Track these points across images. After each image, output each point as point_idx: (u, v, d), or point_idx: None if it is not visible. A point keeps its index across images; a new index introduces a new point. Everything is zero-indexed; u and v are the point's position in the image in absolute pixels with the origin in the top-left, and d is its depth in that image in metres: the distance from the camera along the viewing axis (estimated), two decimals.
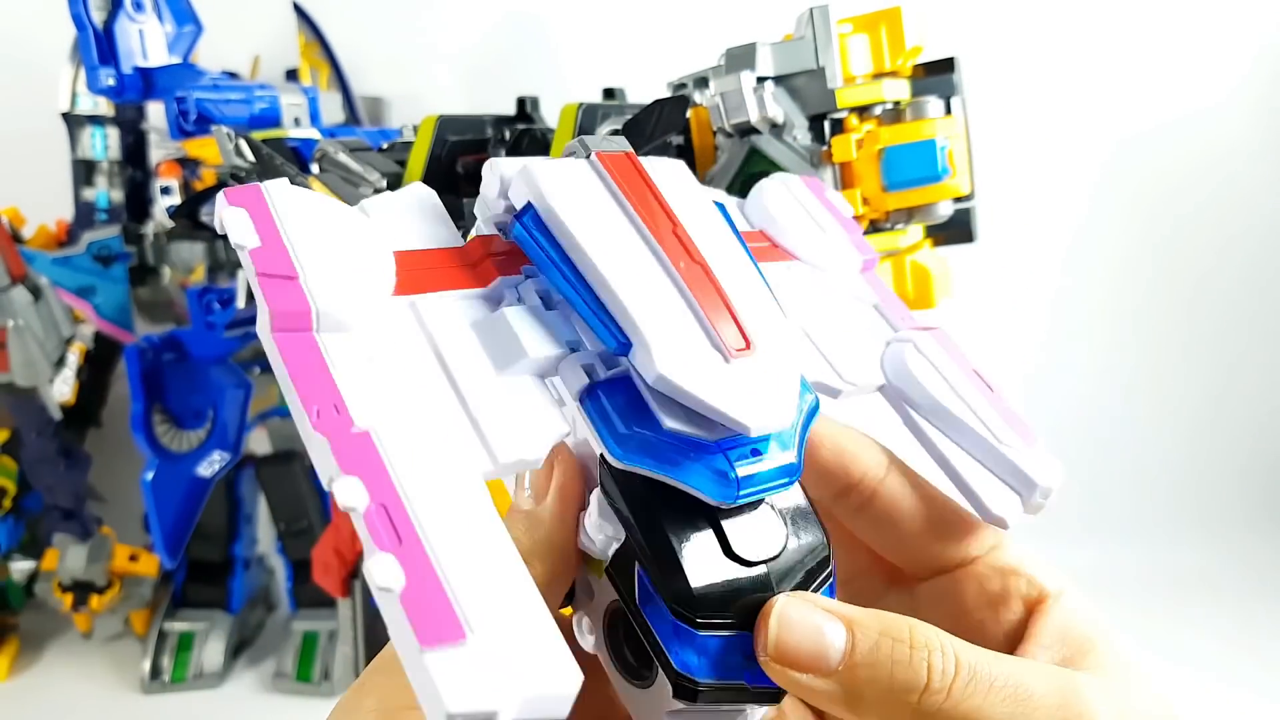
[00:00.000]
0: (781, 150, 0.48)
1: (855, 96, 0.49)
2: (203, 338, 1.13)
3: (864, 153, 0.48)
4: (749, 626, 0.34)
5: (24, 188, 1.43)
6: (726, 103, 0.48)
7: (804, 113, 0.50)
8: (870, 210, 0.49)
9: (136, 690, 1.34)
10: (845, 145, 0.48)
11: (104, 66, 1.14)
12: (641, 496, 0.35)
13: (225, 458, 1.19)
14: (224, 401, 1.18)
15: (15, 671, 1.40)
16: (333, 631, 1.35)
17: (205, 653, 1.36)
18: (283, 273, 0.33)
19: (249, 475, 1.42)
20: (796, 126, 0.49)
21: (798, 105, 0.49)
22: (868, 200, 0.49)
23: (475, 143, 0.75)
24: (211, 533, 1.39)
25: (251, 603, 1.47)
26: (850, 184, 0.49)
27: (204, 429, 1.16)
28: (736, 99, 0.47)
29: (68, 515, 1.41)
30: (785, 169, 0.48)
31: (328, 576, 0.90)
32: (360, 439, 0.30)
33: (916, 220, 0.50)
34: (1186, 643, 1.35)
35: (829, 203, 0.45)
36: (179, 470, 1.14)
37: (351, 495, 0.29)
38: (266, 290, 0.32)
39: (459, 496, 0.30)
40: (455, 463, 0.32)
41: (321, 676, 1.33)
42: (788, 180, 0.45)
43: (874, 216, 0.50)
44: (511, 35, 1.71)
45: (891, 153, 0.48)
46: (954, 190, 0.48)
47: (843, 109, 0.49)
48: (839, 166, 0.49)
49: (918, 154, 0.47)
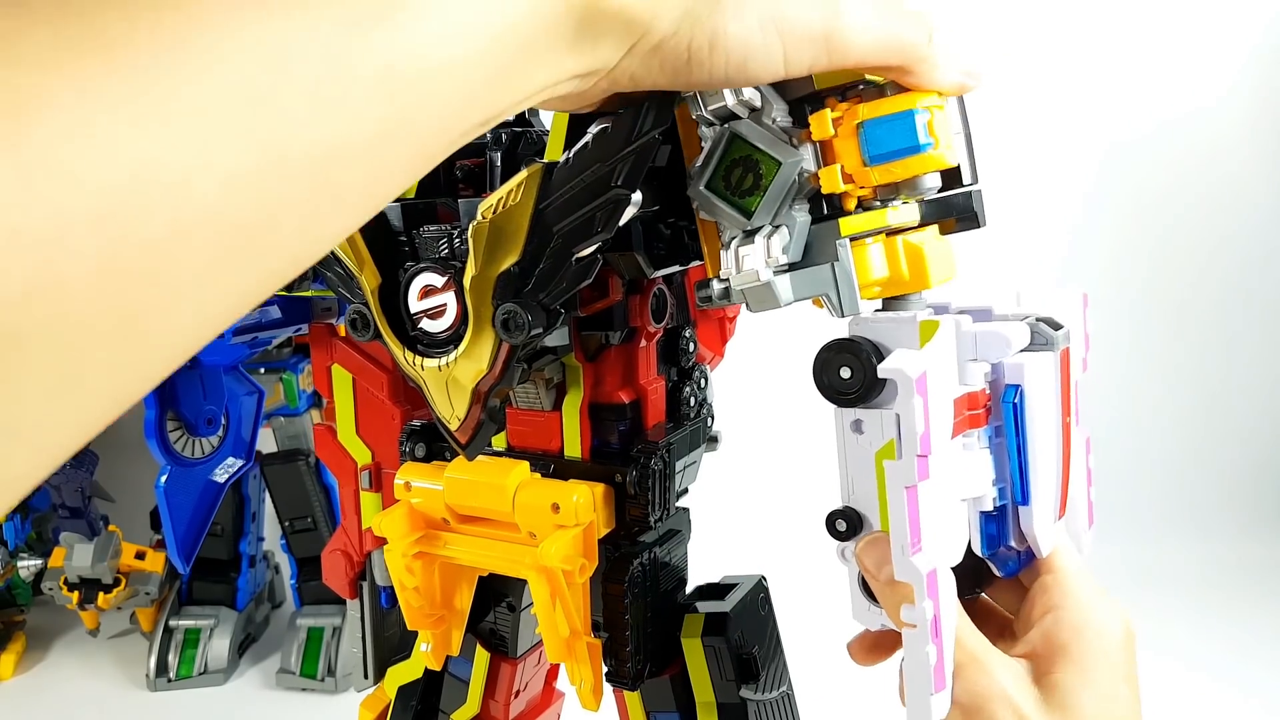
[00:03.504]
0: (761, 134, 0.48)
1: (833, 77, 0.48)
2: (212, 344, 1.14)
3: (843, 129, 0.48)
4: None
5: None
6: (703, 91, 0.48)
7: (785, 98, 0.50)
8: (854, 188, 0.49)
9: (142, 686, 1.35)
10: (823, 122, 0.48)
11: None
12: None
13: (239, 464, 1.20)
14: (237, 409, 1.19)
15: (22, 668, 1.42)
16: (337, 628, 1.37)
17: (211, 649, 1.38)
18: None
19: (255, 473, 1.43)
20: (775, 109, 0.49)
21: (775, 89, 0.49)
22: (851, 177, 0.48)
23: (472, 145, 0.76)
24: (218, 530, 1.40)
25: (257, 599, 1.48)
26: (830, 161, 0.49)
27: (217, 436, 1.17)
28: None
29: (74, 513, 1.42)
30: (767, 153, 0.48)
31: (336, 578, 0.91)
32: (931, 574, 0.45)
33: (905, 195, 0.49)
34: (1180, 641, 1.36)
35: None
36: (193, 476, 1.15)
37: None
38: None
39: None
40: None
41: (326, 672, 1.34)
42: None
43: (861, 194, 0.49)
44: None
45: (869, 125, 0.47)
46: (939, 161, 0.47)
47: (821, 90, 0.49)
48: (819, 144, 0.49)
49: (896, 125, 0.47)
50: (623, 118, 0.47)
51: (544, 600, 0.58)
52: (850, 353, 0.50)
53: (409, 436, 0.68)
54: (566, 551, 0.57)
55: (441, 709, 0.75)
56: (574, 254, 0.49)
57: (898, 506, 0.45)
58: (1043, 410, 0.51)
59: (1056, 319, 0.53)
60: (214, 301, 0.29)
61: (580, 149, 0.48)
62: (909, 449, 0.45)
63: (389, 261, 0.55)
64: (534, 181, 0.49)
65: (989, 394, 0.51)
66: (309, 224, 0.30)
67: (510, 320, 0.50)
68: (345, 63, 0.30)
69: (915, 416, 0.45)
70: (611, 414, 0.63)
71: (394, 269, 0.55)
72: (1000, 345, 0.49)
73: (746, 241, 0.49)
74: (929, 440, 0.45)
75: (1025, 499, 0.51)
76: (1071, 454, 0.54)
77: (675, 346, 0.67)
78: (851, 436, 0.53)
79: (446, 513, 0.63)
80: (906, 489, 0.45)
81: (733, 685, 0.64)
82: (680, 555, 0.68)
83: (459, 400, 0.53)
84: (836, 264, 0.49)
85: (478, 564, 0.63)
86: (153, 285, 0.26)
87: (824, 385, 0.52)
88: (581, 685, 0.61)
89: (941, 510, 0.47)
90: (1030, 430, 0.51)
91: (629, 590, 0.61)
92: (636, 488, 0.60)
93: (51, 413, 0.25)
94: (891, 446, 0.51)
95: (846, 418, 0.52)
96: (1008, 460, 0.51)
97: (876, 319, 0.51)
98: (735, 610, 0.65)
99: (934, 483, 0.46)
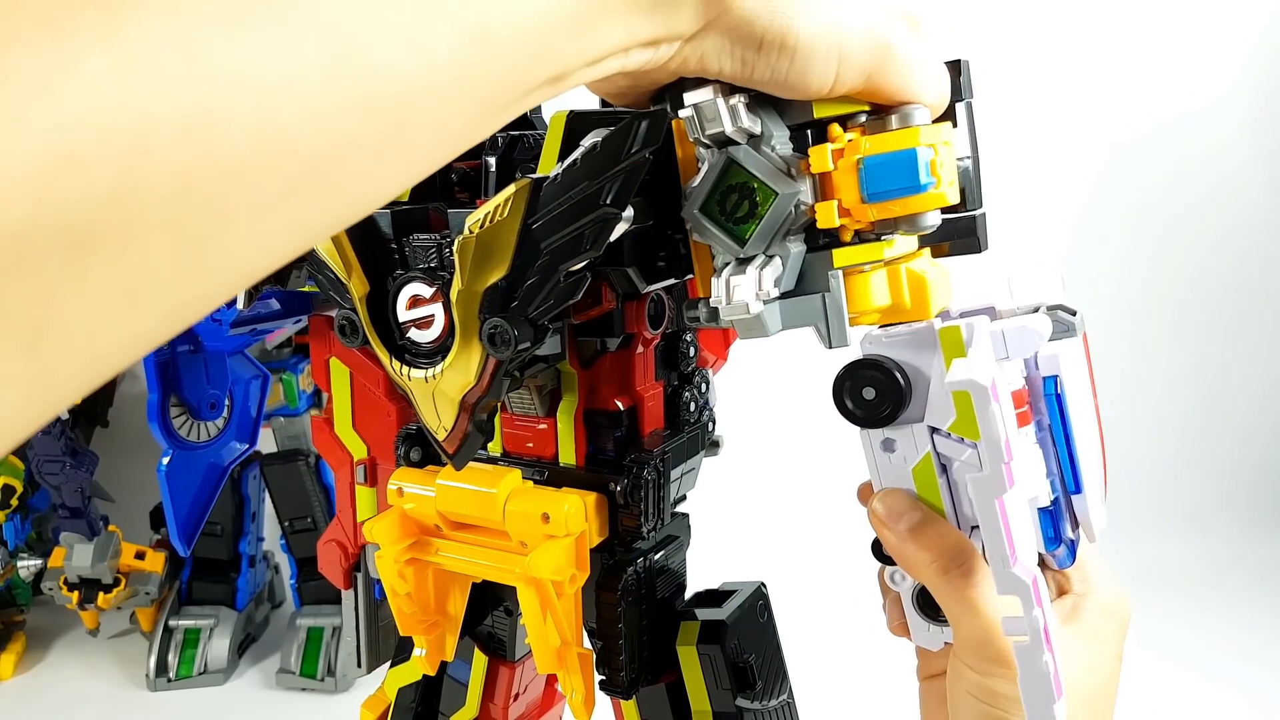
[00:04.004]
0: (759, 162, 0.47)
1: (833, 106, 0.47)
2: (215, 330, 1.13)
3: (843, 163, 0.47)
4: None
5: None
6: (701, 114, 0.46)
7: (786, 122, 0.48)
8: (851, 221, 0.48)
9: (142, 686, 1.35)
10: (822, 156, 0.47)
11: None
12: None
13: (244, 447, 1.19)
14: (242, 392, 1.18)
15: (22, 668, 1.42)
16: (337, 628, 1.37)
17: (211, 649, 1.38)
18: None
19: (254, 473, 1.43)
20: (775, 137, 0.48)
21: (778, 115, 0.48)
22: (848, 211, 0.47)
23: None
24: (217, 530, 1.40)
25: (256, 599, 1.48)
26: (829, 195, 0.48)
27: (222, 419, 1.17)
28: (711, 110, 0.46)
29: (74, 513, 1.42)
30: (762, 181, 0.48)
31: (331, 568, 0.91)
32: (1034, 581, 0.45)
33: (903, 231, 0.48)
34: (1180, 641, 1.36)
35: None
36: (195, 459, 1.14)
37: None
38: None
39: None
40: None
41: (326, 672, 1.34)
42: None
43: (858, 227, 0.48)
44: None
45: (870, 163, 0.46)
46: (939, 200, 0.46)
47: (820, 118, 0.48)
48: (817, 177, 0.48)
49: (898, 165, 0.45)
50: (613, 136, 0.46)
51: (533, 610, 0.57)
52: (874, 372, 0.50)
53: (404, 440, 0.68)
54: (556, 563, 0.56)
55: (441, 711, 0.75)
56: (562, 270, 0.48)
57: (990, 519, 0.45)
58: (1080, 396, 0.51)
59: (1068, 305, 0.53)
60: (276, 232, 0.29)
61: (569, 166, 0.47)
62: (993, 458, 0.45)
63: (378, 269, 0.54)
64: (522, 197, 0.48)
65: (1027, 390, 0.50)
66: (376, 167, 0.30)
67: (497, 335, 0.49)
68: (435, 1, 0.30)
69: (996, 425, 0.44)
70: (607, 421, 0.62)
71: (383, 276, 0.54)
72: (1031, 339, 0.48)
73: (738, 271, 0.48)
74: (1010, 446, 0.45)
75: (1079, 487, 0.52)
76: (1103, 431, 0.54)
77: (675, 351, 0.66)
78: (883, 456, 0.52)
79: (439, 519, 0.62)
80: (997, 500, 0.45)
81: (729, 694, 0.63)
82: (678, 561, 0.67)
83: (446, 411, 0.53)
84: (827, 295, 0.48)
85: (469, 572, 0.62)
86: (224, 206, 0.26)
87: (847, 410, 0.51)
88: (573, 696, 0.61)
89: (1023, 515, 0.47)
90: (1073, 418, 0.51)
91: (623, 598, 0.60)
92: (628, 498, 0.60)
93: (107, 320, 0.25)
94: (928, 461, 0.50)
95: (875, 438, 0.52)
96: (1055, 452, 0.51)
97: (891, 335, 0.51)
98: (732, 618, 0.65)
99: (1018, 489, 0.45)
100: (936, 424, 0.50)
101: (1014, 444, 0.46)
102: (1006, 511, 0.45)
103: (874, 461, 0.52)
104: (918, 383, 0.50)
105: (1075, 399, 0.51)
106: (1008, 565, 0.44)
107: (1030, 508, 0.50)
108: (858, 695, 1.20)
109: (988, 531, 0.45)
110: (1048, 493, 0.51)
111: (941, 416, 0.49)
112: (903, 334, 0.50)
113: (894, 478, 0.52)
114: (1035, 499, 0.50)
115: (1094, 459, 0.52)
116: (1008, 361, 0.49)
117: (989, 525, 0.45)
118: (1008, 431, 0.45)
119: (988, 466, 0.45)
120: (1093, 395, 0.53)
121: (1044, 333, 0.49)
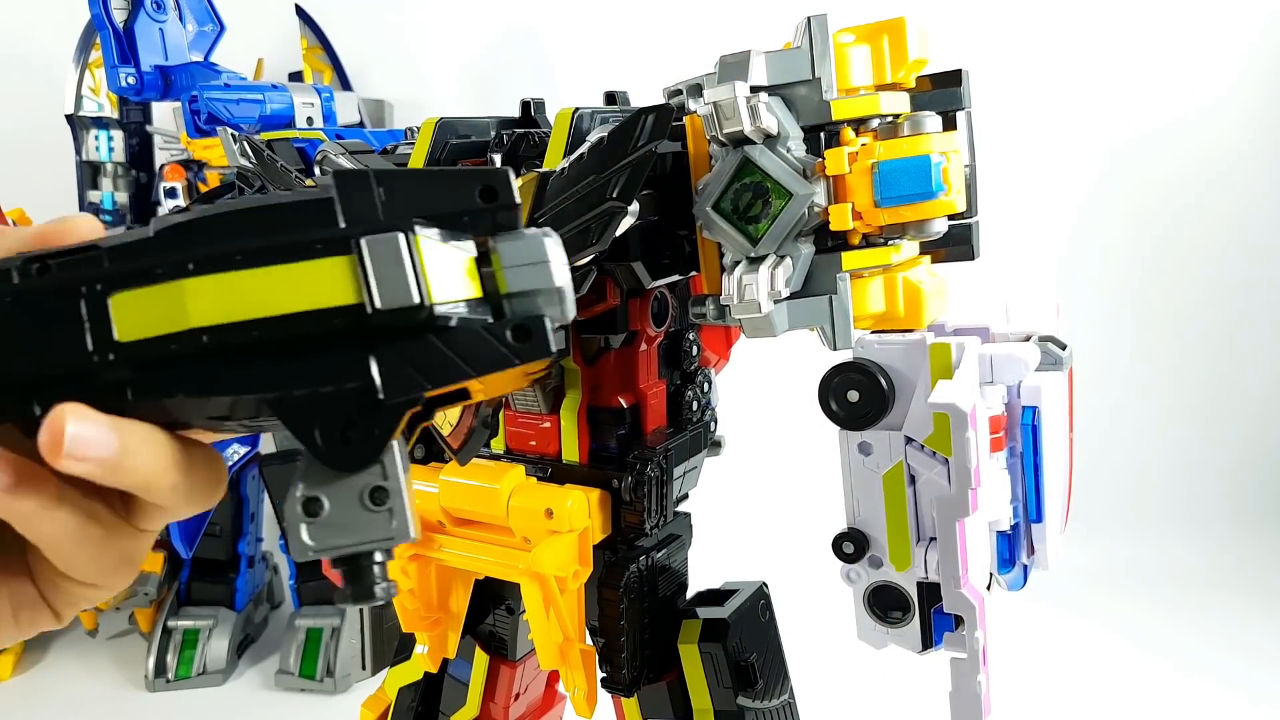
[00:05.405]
0: (774, 162, 0.48)
1: (851, 108, 0.48)
2: None
3: (857, 166, 0.47)
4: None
5: (30, 189, 1.43)
6: (719, 112, 0.47)
7: (800, 123, 0.49)
8: (862, 225, 0.48)
9: (141, 687, 1.35)
10: (838, 158, 0.47)
11: (124, 66, 1.15)
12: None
13: (245, 449, 1.19)
14: None
15: (21, 668, 1.41)
16: (336, 629, 1.36)
17: (209, 650, 1.37)
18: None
19: (253, 474, 1.43)
20: (791, 138, 0.48)
21: (793, 116, 0.48)
22: (860, 215, 0.48)
23: (475, 145, 0.76)
24: (216, 531, 1.40)
25: (255, 600, 1.48)
26: (843, 198, 0.48)
27: None
28: (729, 108, 0.46)
29: None
30: (777, 181, 0.48)
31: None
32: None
33: (911, 236, 0.49)
34: (1179, 641, 1.36)
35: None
36: None
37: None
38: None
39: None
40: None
41: (325, 673, 1.34)
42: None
43: (866, 231, 0.49)
44: (513, 38, 1.72)
45: (885, 168, 0.47)
46: (949, 207, 0.47)
47: (838, 121, 0.48)
48: (832, 179, 0.49)
49: (912, 170, 0.46)
50: (620, 129, 0.46)
51: (536, 606, 0.57)
52: (860, 376, 0.50)
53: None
54: (560, 558, 0.56)
55: (441, 710, 0.74)
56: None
57: (948, 540, 0.45)
58: (1056, 429, 0.51)
59: (1059, 337, 0.53)
60: None
61: (576, 160, 0.47)
62: (961, 482, 0.45)
63: None
64: (528, 191, 0.48)
65: (1006, 416, 0.51)
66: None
67: None
68: None
69: (969, 451, 0.45)
70: (610, 418, 0.62)
71: None
72: (1017, 368, 0.49)
73: (750, 270, 0.48)
74: (979, 473, 0.45)
75: (1040, 516, 0.52)
76: (1072, 466, 0.54)
77: (678, 350, 0.67)
78: (858, 458, 0.52)
79: (442, 515, 0.62)
80: (959, 523, 0.45)
81: (730, 692, 0.63)
82: (680, 560, 0.67)
83: (451, 408, 0.53)
84: (834, 297, 0.49)
85: (472, 568, 0.62)
86: None
87: (831, 410, 0.51)
88: (575, 692, 0.61)
89: (980, 538, 0.47)
90: (1045, 450, 0.51)
91: (625, 596, 0.60)
92: (632, 494, 0.60)
93: None
94: (899, 469, 0.50)
95: (852, 440, 0.52)
96: (1023, 479, 0.51)
97: (883, 342, 0.51)
98: (734, 617, 0.65)
99: (980, 513, 0.46)
100: (913, 435, 0.50)
101: (983, 469, 0.46)
102: (965, 535, 0.45)
103: (847, 462, 0.53)
104: (902, 392, 0.51)
105: (1051, 431, 0.51)
106: (958, 585, 0.45)
107: (990, 530, 0.51)
108: (858, 695, 1.20)
109: (944, 551, 0.46)
110: (1009, 518, 0.52)
111: (919, 429, 0.50)
112: (896, 343, 0.51)
113: (864, 480, 0.52)
114: (996, 522, 0.51)
115: (1059, 491, 0.53)
116: (991, 387, 0.50)
117: (946, 545, 0.46)
118: (979, 457, 0.46)
119: (955, 488, 0.46)
120: (1069, 430, 0.54)
121: (1031, 363, 0.50)
